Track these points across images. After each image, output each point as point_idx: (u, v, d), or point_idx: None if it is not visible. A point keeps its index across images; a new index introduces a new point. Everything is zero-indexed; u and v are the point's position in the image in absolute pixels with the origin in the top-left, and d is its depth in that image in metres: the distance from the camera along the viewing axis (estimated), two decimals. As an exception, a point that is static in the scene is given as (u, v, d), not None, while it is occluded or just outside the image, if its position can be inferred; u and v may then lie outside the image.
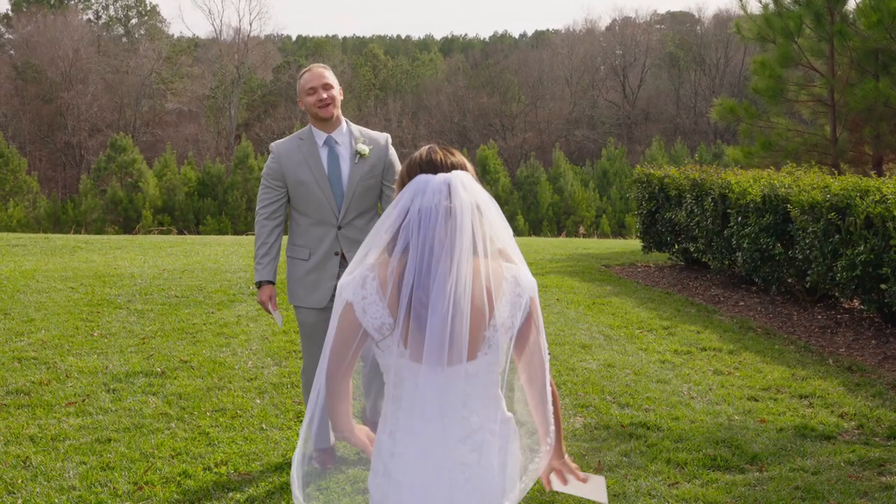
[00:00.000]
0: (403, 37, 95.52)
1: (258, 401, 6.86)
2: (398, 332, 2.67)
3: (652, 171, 13.84)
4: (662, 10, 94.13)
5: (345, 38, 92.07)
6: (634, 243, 18.61)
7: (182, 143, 54.85)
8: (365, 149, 5.36)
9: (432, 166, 2.76)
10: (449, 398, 2.71)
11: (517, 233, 41.15)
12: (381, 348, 2.73)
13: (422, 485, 2.72)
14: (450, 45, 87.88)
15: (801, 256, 10.08)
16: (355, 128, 5.45)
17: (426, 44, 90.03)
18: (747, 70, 66.04)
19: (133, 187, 43.72)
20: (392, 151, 5.52)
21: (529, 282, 2.78)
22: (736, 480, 5.46)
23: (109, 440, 6.00)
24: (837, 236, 9.41)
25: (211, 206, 44.71)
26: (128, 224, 40.96)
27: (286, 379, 7.37)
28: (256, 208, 5.39)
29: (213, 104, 61.18)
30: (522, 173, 50.83)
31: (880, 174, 15.31)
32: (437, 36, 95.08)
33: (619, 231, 43.83)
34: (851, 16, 17.59)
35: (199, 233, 39.72)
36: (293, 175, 5.30)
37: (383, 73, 72.79)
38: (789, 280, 10.91)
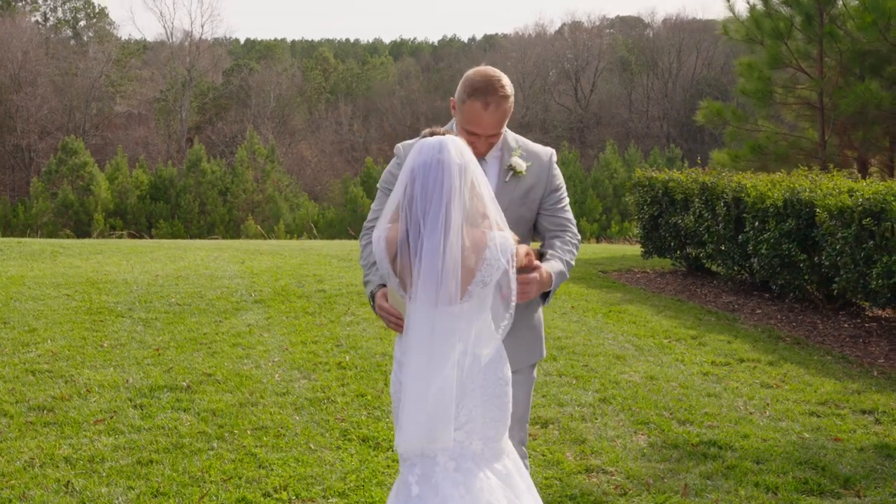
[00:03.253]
0: (352, 40, 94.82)
1: (297, 417, 6.35)
2: (398, 282, 3.33)
3: (654, 174, 13.49)
4: (612, 15, 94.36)
5: (294, 42, 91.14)
6: (625, 248, 18.29)
7: (132, 146, 53.63)
8: (521, 164, 3.96)
9: (429, 134, 3.36)
10: (444, 331, 3.25)
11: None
12: (391, 286, 3.42)
13: (417, 383, 3.27)
14: (399, 49, 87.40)
15: (827, 263, 9.75)
16: (511, 136, 4.01)
17: (375, 47, 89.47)
18: (700, 74, 66.87)
19: (84, 190, 42.64)
20: (556, 171, 4.08)
21: (509, 245, 3.28)
22: (838, 507, 5.08)
23: (151, 462, 5.47)
24: (871, 242, 9.10)
25: (164, 210, 43.78)
26: (79, 227, 39.93)
27: (320, 394, 6.86)
28: (366, 221, 4.09)
29: (163, 107, 60.04)
30: (477, 176, 50.50)
31: (864, 178, 15.15)
32: (387, 40, 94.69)
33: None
34: (840, 18, 17.44)
35: (151, 236, 38.80)
36: None
37: (333, 77, 72.10)
38: (808, 287, 10.60)
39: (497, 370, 3.40)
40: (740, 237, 11.14)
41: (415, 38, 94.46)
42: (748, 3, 17.81)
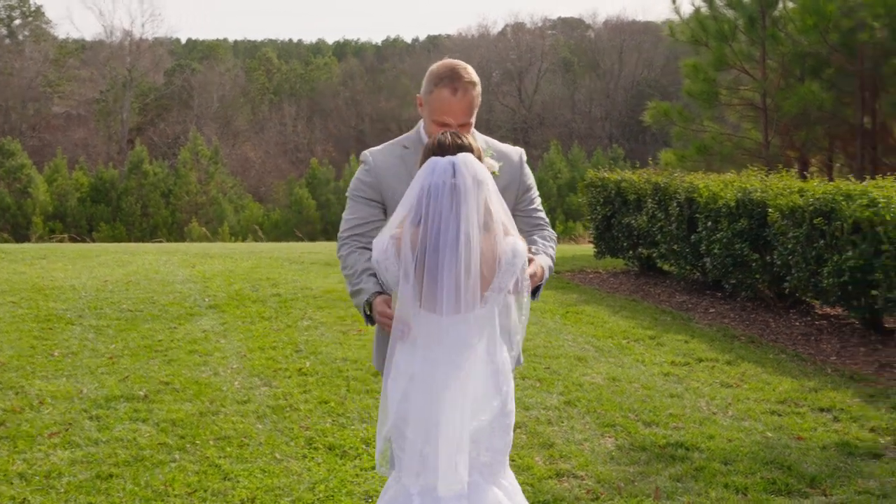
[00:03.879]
0: (295, 41, 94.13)
1: (260, 426, 6.25)
2: (409, 288, 3.29)
3: (607, 174, 13.56)
4: (554, 16, 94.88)
5: (236, 42, 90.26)
6: (574, 248, 18.37)
7: (71, 147, 52.71)
8: (494, 165, 3.87)
9: (442, 149, 3.33)
10: (450, 337, 3.29)
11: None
12: (398, 295, 3.37)
13: (422, 395, 3.31)
14: (343, 50, 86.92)
15: (779, 262, 9.87)
16: (480, 137, 3.94)
17: (319, 48, 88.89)
18: (641, 76, 67.50)
19: (22, 193, 41.81)
20: (527, 170, 4.05)
21: (523, 250, 3.37)
22: (807, 506, 5.11)
23: (111, 476, 5.33)
24: (822, 241, 9.22)
25: (105, 213, 43.07)
26: (17, 231, 39.14)
27: (282, 401, 6.76)
28: (340, 232, 3.98)
29: (103, 108, 59.05)
30: (423, 178, 50.47)
31: (803, 178, 15.39)
32: (330, 40, 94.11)
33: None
34: (782, 21, 17.70)
35: (93, 240, 38.18)
36: (392, 193, 3.83)
37: (277, 78, 71.53)
38: (760, 286, 10.71)
39: (508, 378, 3.41)
40: (693, 237, 11.23)
41: (358, 39, 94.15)
42: (693, 5, 18.05)
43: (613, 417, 6.57)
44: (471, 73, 3.75)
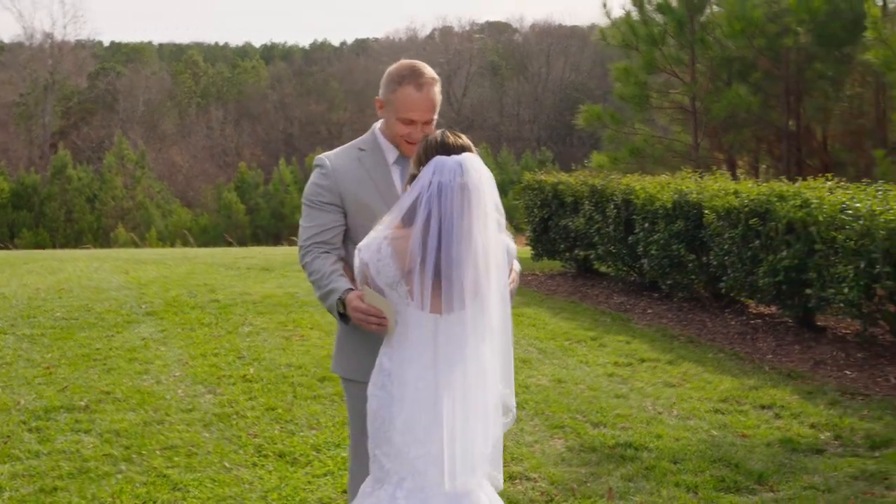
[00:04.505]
0: (222, 44, 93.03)
1: (207, 434, 6.16)
2: (405, 289, 3.23)
3: (544, 177, 13.65)
4: (482, 20, 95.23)
5: (161, 45, 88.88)
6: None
7: (-10, 152, 51.57)
8: None
9: (446, 148, 3.29)
10: (444, 338, 3.23)
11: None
12: (389, 295, 3.28)
13: (414, 401, 3.23)
14: (270, 53, 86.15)
15: (715, 262, 10.03)
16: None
17: (246, 51, 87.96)
18: (568, 79, 68.12)
19: (-60, 199, 40.80)
20: None
21: (514, 249, 3.43)
22: (756, 503, 5.19)
23: (55, 489, 5.21)
24: (758, 242, 9.39)
25: (27, 219, 42.12)
26: (-65, 238, 38.16)
27: (228, 409, 6.68)
28: (300, 240, 3.87)
29: (23, 111, 57.75)
30: (353, 182, 50.25)
31: (734, 179, 15.66)
32: (257, 43, 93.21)
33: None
34: (710, 25, 17.99)
35: (15, 246, 37.35)
36: (352, 196, 3.82)
37: (204, 81, 70.70)
38: (696, 286, 10.87)
39: (496, 377, 3.37)
40: (630, 238, 11.35)
41: (286, 42, 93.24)
42: (623, 9, 18.22)
43: (562, 419, 6.61)
44: (431, 70, 3.76)
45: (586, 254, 12.61)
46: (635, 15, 17.98)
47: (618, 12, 22.07)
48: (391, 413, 3.26)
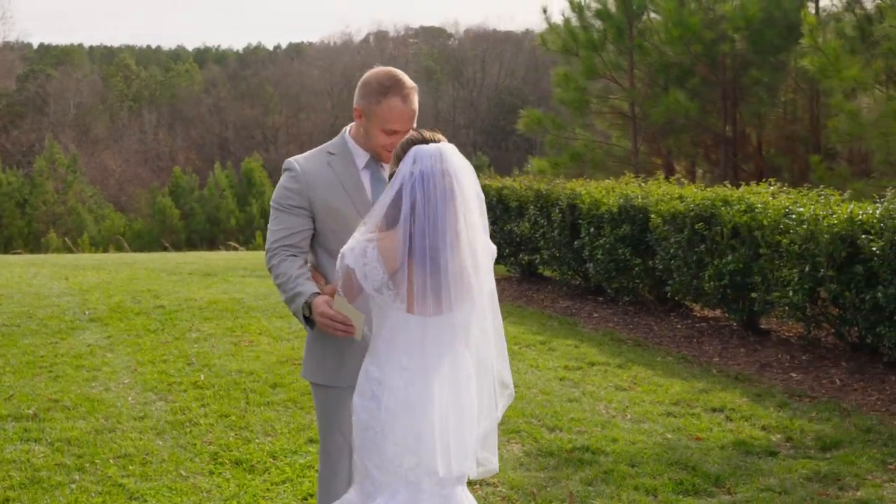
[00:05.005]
0: (154, 47, 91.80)
1: (160, 442, 6.05)
2: (393, 291, 3.13)
3: (488, 182, 13.68)
4: (416, 25, 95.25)
5: (91, 47, 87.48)
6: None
7: (-86, 155, 50.25)
8: None
9: (422, 140, 3.23)
10: (433, 340, 3.16)
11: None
12: (376, 300, 3.18)
13: (405, 408, 3.14)
14: (204, 56, 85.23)
15: (661, 266, 10.13)
16: None
17: (179, 54, 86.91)
18: (503, 84, 68.43)
19: None
20: None
21: (494, 248, 3.33)
22: (715, 505, 5.25)
23: (7, 500, 5.07)
24: (703, 246, 9.50)
25: (-46, 224, 41.28)
26: None
27: (181, 416, 6.58)
28: (268, 243, 3.84)
29: (-51, 114, 56.56)
30: (289, 186, 49.94)
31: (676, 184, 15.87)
32: (190, 47, 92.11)
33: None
34: (648, 32, 18.22)
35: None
36: (322, 200, 3.79)
37: (136, 84, 69.73)
38: (641, 290, 10.97)
39: (488, 366, 3.35)
40: (576, 243, 11.42)
41: (219, 46, 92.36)
42: (563, 15, 18.38)
43: (517, 424, 6.61)
44: (409, 78, 3.75)
45: (531, 258, 12.66)
46: (575, 21, 18.16)
47: (557, 18, 22.26)
48: (383, 423, 3.17)
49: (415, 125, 3.74)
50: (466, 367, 3.26)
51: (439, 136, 3.30)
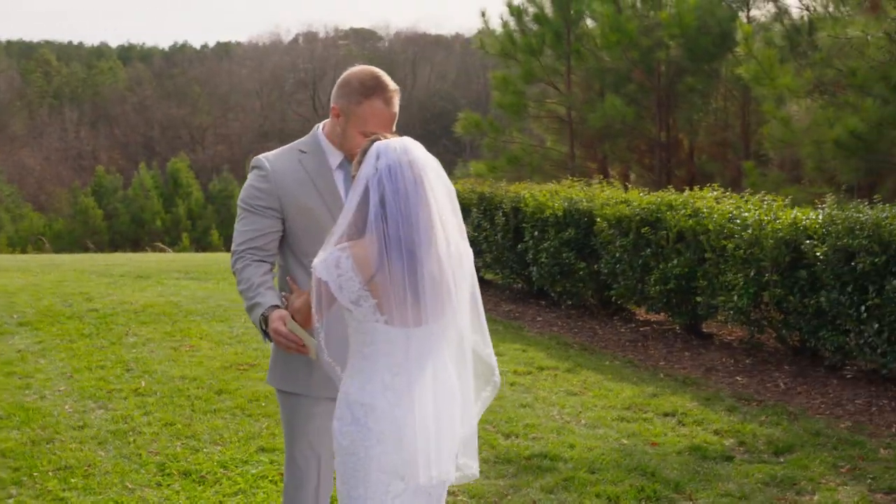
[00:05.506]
0: (76, 43, 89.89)
1: (102, 453, 5.83)
2: (372, 302, 2.88)
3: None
4: (347, 27, 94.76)
5: (9, 42, 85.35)
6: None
7: None
8: None
9: (383, 137, 3.02)
10: (419, 355, 2.94)
11: (211, 249, 39.88)
12: (355, 315, 2.93)
13: (392, 430, 2.92)
14: (128, 54, 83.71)
15: (606, 270, 10.13)
16: None
17: (102, 52, 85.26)
18: (434, 87, 68.46)
19: None
20: None
21: (471, 252, 3.08)
22: (678, 511, 5.21)
23: (-57, 520, 4.83)
24: (649, 250, 9.53)
25: None
26: None
27: (122, 425, 6.35)
28: (234, 245, 3.67)
29: None
30: (216, 187, 49.40)
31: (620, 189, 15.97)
32: (113, 44, 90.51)
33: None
34: (586, 37, 18.31)
35: None
36: (293, 200, 3.64)
37: (57, 81, 68.23)
38: (585, 294, 10.96)
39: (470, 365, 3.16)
40: (519, 246, 11.38)
41: (144, 44, 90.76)
42: (502, 19, 18.38)
43: (472, 430, 6.51)
44: (392, 80, 3.60)
45: (474, 262, 12.58)
46: (513, 24, 18.17)
47: (496, 22, 22.27)
48: (367, 448, 2.94)
49: (394, 129, 3.62)
50: (449, 376, 3.05)
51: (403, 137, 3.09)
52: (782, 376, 8.34)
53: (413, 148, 2.97)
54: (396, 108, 3.57)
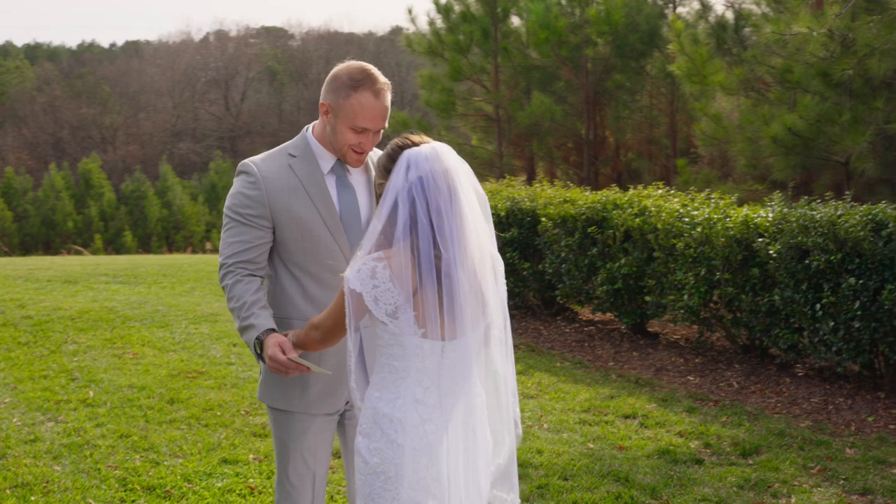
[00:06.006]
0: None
1: (59, 468, 5.51)
2: (412, 315, 2.73)
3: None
4: (258, 25, 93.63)
5: None
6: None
7: None
8: None
9: (411, 144, 2.85)
10: (451, 369, 2.81)
11: (125, 250, 39.04)
12: (390, 328, 2.77)
13: (424, 447, 2.78)
14: (35, 53, 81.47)
15: (550, 270, 10.04)
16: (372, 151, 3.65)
17: (7, 50, 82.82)
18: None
19: None
20: None
21: (501, 261, 2.94)
22: (658, 518, 5.11)
23: None
24: (595, 249, 9.46)
25: None
26: None
27: (76, 438, 6.02)
28: (222, 257, 3.46)
29: None
30: (128, 188, 48.33)
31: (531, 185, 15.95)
32: (19, 43, 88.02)
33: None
34: (513, 35, 18.28)
35: None
36: (284, 208, 3.42)
37: (-41, 80, 66.09)
38: (528, 294, 10.87)
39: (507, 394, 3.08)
40: (461, 247, 11.23)
41: (51, 42, 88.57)
42: (429, 17, 18.23)
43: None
44: (382, 75, 3.42)
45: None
46: (440, 22, 18.04)
47: (423, 20, 22.10)
48: (399, 466, 2.80)
49: (386, 125, 3.44)
50: (479, 394, 2.93)
51: (426, 137, 2.95)
52: (734, 375, 8.33)
53: (446, 155, 2.83)
54: (388, 103, 3.39)
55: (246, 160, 3.50)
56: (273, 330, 3.26)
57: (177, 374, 7.61)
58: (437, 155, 2.80)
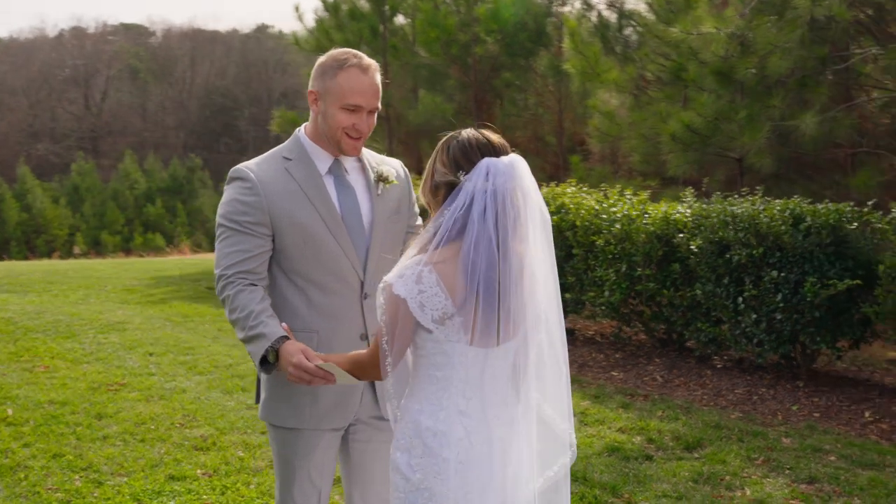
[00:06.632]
0: None
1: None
2: (460, 321, 2.62)
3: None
4: (115, 22, 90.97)
5: None
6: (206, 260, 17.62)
7: None
8: (392, 172, 3.45)
9: (492, 149, 2.70)
10: (494, 377, 2.71)
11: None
12: (435, 335, 2.65)
13: (470, 461, 2.67)
14: None
15: (466, 270, 10.00)
16: (366, 150, 3.50)
17: None
18: (213, 84, 66.71)
19: None
20: (411, 184, 3.61)
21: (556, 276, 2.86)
22: (626, 517, 5.11)
23: None
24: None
25: None
26: None
27: (5, 460, 5.65)
28: (219, 268, 3.25)
29: None
30: (-16, 191, 46.43)
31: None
32: None
33: (96, 248, 41.86)
34: (401, 32, 18.18)
35: None
36: (284, 213, 3.25)
37: None
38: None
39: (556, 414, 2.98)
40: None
41: None
42: (316, 14, 17.97)
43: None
44: (368, 57, 3.31)
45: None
46: (329, 21, 17.81)
47: (310, 17, 21.78)
48: (443, 482, 2.66)
49: (379, 105, 3.28)
50: (522, 401, 2.81)
51: (501, 138, 2.80)
52: (657, 369, 8.44)
53: (521, 173, 2.70)
54: (378, 81, 3.26)
55: (238, 166, 3.31)
56: (286, 338, 3.06)
57: (97, 388, 7.25)
58: (513, 172, 2.67)
